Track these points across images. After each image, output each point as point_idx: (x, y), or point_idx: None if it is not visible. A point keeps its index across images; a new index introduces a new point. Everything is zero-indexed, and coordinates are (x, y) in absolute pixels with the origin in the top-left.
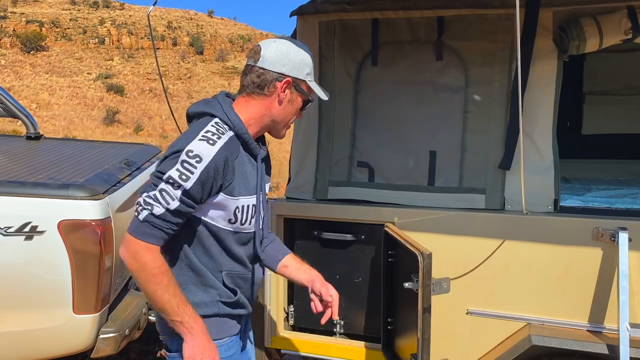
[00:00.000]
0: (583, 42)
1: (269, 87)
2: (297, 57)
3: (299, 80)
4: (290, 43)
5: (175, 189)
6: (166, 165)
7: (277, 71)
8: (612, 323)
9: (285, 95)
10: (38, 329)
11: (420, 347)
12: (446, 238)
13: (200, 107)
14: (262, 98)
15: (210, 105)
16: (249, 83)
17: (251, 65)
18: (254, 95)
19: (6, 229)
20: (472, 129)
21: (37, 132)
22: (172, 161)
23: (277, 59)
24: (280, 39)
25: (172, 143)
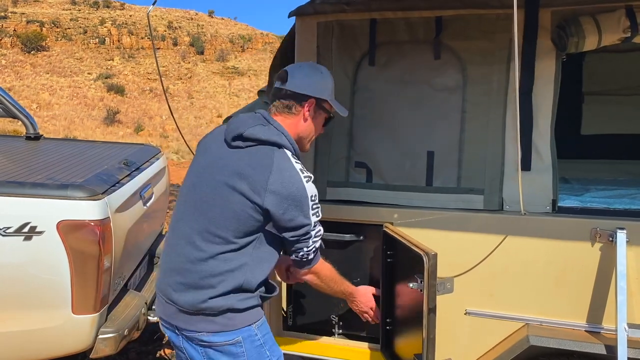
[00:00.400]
0: (582, 39)
1: (295, 107)
2: (320, 80)
3: (322, 100)
4: (314, 67)
5: (319, 224)
6: (304, 218)
7: (302, 93)
8: (610, 323)
9: (309, 114)
10: (37, 329)
11: (425, 347)
12: (444, 238)
13: (267, 135)
14: (291, 117)
15: (276, 135)
16: (278, 104)
17: (279, 87)
18: (284, 114)
19: (5, 229)
20: (470, 129)
21: (36, 133)
22: (305, 212)
23: (302, 82)
24: (305, 63)
25: (273, 185)
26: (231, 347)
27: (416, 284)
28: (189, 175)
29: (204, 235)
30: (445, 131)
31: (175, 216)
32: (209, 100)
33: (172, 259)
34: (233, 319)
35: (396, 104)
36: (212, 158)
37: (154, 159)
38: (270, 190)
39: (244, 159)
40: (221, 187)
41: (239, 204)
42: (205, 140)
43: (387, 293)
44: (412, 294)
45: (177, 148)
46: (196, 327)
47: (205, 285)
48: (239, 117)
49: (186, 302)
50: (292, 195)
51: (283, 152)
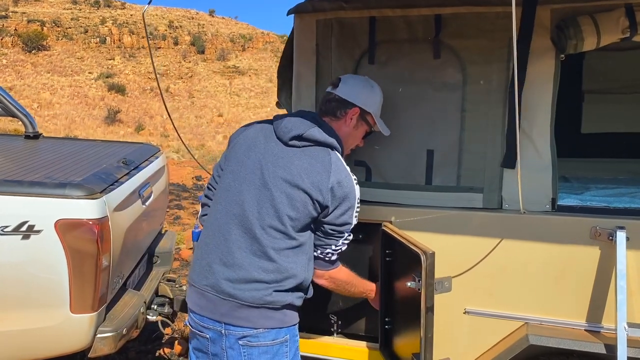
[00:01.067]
0: (580, 41)
1: (341, 111)
2: (368, 93)
3: (366, 112)
4: (365, 81)
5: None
6: (349, 218)
7: (349, 100)
8: (609, 322)
9: (352, 121)
10: (35, 328)
11: (423, 347)
12: (444, 237)
13: (324, 137)
14: (335, 121)
15: (331, 137)
16: (327, 107)
17: (330, 92)
18: (331, 117)
19: (3, 228)
20: (470, 127)
21: (35, 131)
22: (351, 212)
23: (351, 90)
24: (359, 76)
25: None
26: (279, 346)
27: (414, 283)
28: (237, 167)
29: (266, 229)
30: (444, 130)
31: (226, 207)
32: (209, 100)
33: (227, 254)
34: (287, 315)
35: (396, 103)
36: (267, 153)
37: (153, 157)
38: (330, 188)
39: (304, 158)
40: (282, 183)
41: (300, 201)
42: (248, 135)
43: (386, 292)
44: (411, 293)
45: (177, 147)
46: (254, 322)
47: (270, 280)
48: (292, 118)
49: (250, 296)
50: (347, 194)
51: (336, 154)
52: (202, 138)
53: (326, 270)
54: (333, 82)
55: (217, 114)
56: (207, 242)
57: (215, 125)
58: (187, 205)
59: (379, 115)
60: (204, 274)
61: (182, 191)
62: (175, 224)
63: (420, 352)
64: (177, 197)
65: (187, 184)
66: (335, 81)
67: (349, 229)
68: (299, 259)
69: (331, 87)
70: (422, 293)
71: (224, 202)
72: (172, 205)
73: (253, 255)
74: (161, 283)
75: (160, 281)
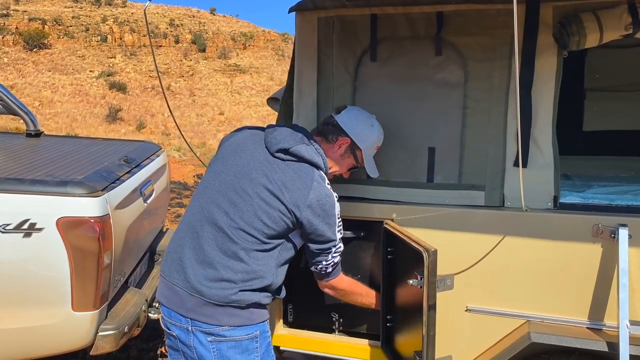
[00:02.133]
0: (583, 37)
1: (333, 136)
2: (365, 129)
3: (356, 146)
4: (368, 118)
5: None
6: (331, 234)
7: (344, 128)
8: (612, 320)
9: (339, 149)
10: (37, 326)
11: (425, 344)
12: (445, 235)
13: (310, 155)
14: (326, 143)
15: (317, 156)
16: (323, 129)
17: (331, 116)
18: (323, 138)
19: (4, 226)
20: (472, 125)
21: (37, 129)
22: (333, 229)
23: (349, 121)
24: (366, 112)
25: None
26: (249, 341)
27: (416, 281)
28: (220, 167)
29: (238, 231)
30: (446, 127)
31: (202, 204)
32: (210, 98)
33: (198, 250)
34: (254, 313)
35: (397, 100)
36: (252, 159)
37: (154, 156)
38: (308, 205)
39: (287, 173)
40: (262, 190)
41: (276, 211)
42: (237, 138)
43: (387, 290)
44: (413, 291)
45: (178, 146)
46: (219, 320)
47: (238, 280)
48: (282, 131)
49: (216, 295)
50: (326, 212)
51: (320, 173)
52: (204, 136)
53: (326, 282)
54: (338, 107)
55: (219, 112)
56: (181, 236)
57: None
58: (188, 204)
59: (371, 155)
60: (174, 267)
61: (183, 189)
62: (176, 222)
63: (423, 350)
64: (179, 196)
65: (188, 182)
66: (340, 108)
67: (335, 244)
68: (269, 262)
69: (335, 112)
70: (425, 291)
71: (202, 199)
72: (174, 204)
73: (223, 254)
74: None
75: None
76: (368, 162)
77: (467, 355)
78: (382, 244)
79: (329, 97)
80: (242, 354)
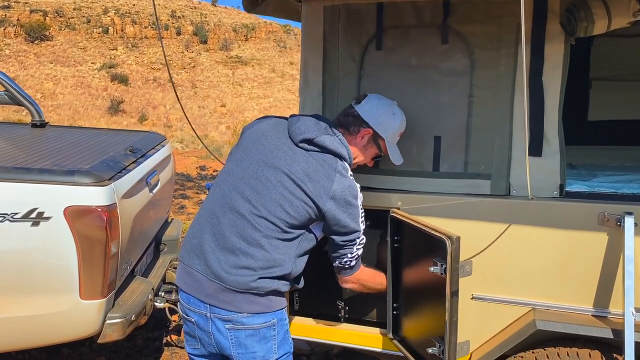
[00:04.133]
0: (591, 24)
1: (354, 128)
2: (387, 118)
3: (379, 136)
4: (389, 106)
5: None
6: (355, 225)
7: (365, 119)
8: (617, 308)
9: (362, 140)
10: (45, 314)
11: (448, 330)
12: (451, 223)
13: (334, 146)
14: (348, 135)
15: (341, 147)
16: (344, 120)
17: (351, 105)
18: (345, 130)
19: (13, 215)
20: (478, 113)
21: (42, 120)
22: (357, 219)
23: (370, 111)
24: (387, 99)
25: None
26: (266, 329)
27: (438, 268)
28: (243, 155)
29: (260, 219)
30: (452, 116)
31: (223, 190)
32: (212, 90)
33: (219, 236)
34: (273, 300)
35: (403, 89)
36: (275, 148)
37: (159, 146)
38: (331, 196)
39: (311, 163)
40: (286, 179)
41: (300, 201)
42: (260, 127)
43: (394, 278)
44: (428, 278)
45: (181, 137)
46: (238, 307)
47: (257, 267)
48: (306, 121)
49: (235, 281)
50: (349, 203)
51: (344, 164)
52: (205, 128)
53: (350, 275)
54: (358, 97)
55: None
56: (202, 222)
57: (218, 116)
58: (191, 195)
59: (394, 142)
60: (194, 252)
61: (187, 181)
62: (180, 213)
63: (445, 336)
64: (182, 187)
65: (191, 174)
66: (360, 97)
67: (359, 235)
68: (289, 252)
69: (355, 102)
70: (448, 277)
71: (224, 186)
72: (177, 195)
73: (244, 241)
74: (168, 270)
75: (167, 269)
76: (392, 150)
77: (472, 343)
78: (389, 233)
79: (335, 86)
80: (260, 342)
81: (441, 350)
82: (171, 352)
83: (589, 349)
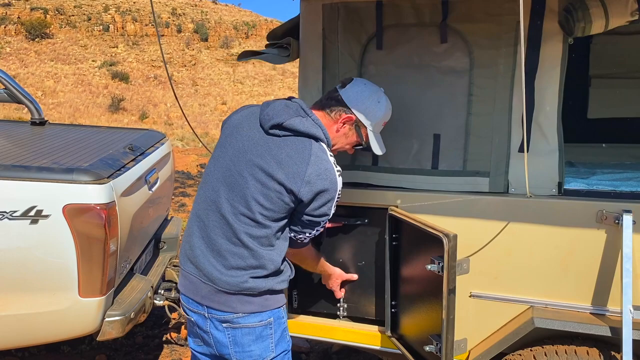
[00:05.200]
0: (589, 24)
1: (336, 112)
2: (372, 105)
3: (361, 123)
4: (374, 92)
5: None
6: (327, 210)
7: (348, 105)
8: (615, 305)
9: (343, 127)
10: (44, 312)
11: (444, 328)
12: (450, 221)
13: (305, 128)
14: (328, 118)
15: (314, 128)
16: (326, 103)
17: (336, 88)
18: (325, 112)
19: (11, 212)
20: (477, 112)
21: (41, 118)
22: (330, 204)
23: (355, 96)
24: (374, 86)
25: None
26: (262, 328)
27: (435, 266)
28: (219, 152)
29: (239, 216)
30: (451, 114)
31: (205, 192)
32: (213, 88)
33: (206, 239)
34: (269, 299)
35: (403, 87)
36: (247, 140)
37: (158, 144)
38: (307, 180)
39: (284, 148)
40: (258, 172)
41: (274, 192)
42: (234, 120)
43: (392, 276)
44: (425, 276)
45: (181, 135)
46: (233, 308)
47: (246, 267)
48: (275, 106)
49: (227, 283)
50: (326, 187)
51: (320, 145)
52: (206, 126)
53: (298, 249)
54: (344, 80)
55: (221, 102)
56: (190, 225)
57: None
58: (191, 193)
59: (377, 132)
60: (187, 256)
61: (187, 179)
62: (180, 211)
63: (442, 333)
64: (182, 185)
65: (191, 172)
66: (346, 80)
67: (326, 219)
68: (277, 245)
69: (340, 85)
70: (445, 275)
71: (205, 187)
72: (177, 193)
73: (228, 241)
74: (168, 268)
75: (167, 266)
76: (373, 140)
77: (470, 341)
78: (388, 231)
79: (334, 84)
80: (256, 340)
81: (438, 348)
82: (170, 350)
83: (587, 347)
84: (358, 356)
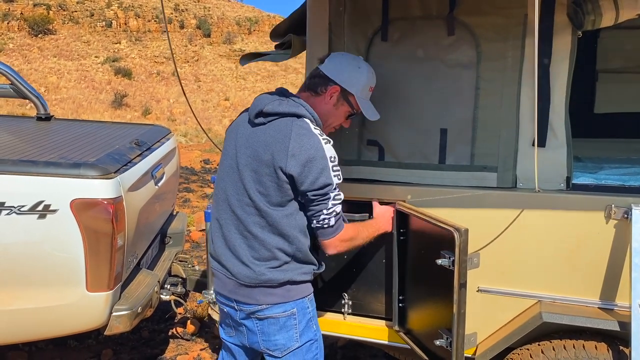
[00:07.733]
0: (599, 16)
1: (321, 88)
2: (353, 72)
3: (348, 92)
4: (352, 60)
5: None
6: (326, 178)
7: (330, 77)
8: (623, 300)
9: (331, 99)
10: (52, 306)
11: (456, 322)
12: (458, 216)
13: (285, 108)
14: (316, 96)
15: (295, 106)
16: (310, 83)
17: (317, 67)
18: (311, 93)
19: (19, 207)
20: (484, 105)
21: (47, 113)
22: (326, 172)
23: (334, 67)
24: (349, 55)
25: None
26: (286, 318)
27: (445, 260)
28: (223, 157)
29: (244, 209)
30: (458, 108)
31: (217, 195)
32: (216, 84)
33: (224, 237)
34: (291, 290)
35: (409, 81)
36: (241, 137)
37: (164, 139)
38: (291, 154)
39: (268, 132)
40: (251, 161)
41: (266, 176)
42: (233, 125)
43: (399, 271)
44: (435, 271)
45: (185, 131)
46: (257, 300)
47: (260, 258)
48: (259, 97)
49: (246, 277)
50: (312, 156)
51: (302, 121)
52: (209, 122)
53: (333, 238)
54: (321, 57)
55: (224, 98)
56: (212, 226)
57: (221, 109)
58: (195, 188)
59: (366, 98)
60: (212, 255)
61: (191, 174)
62: (184, 206)
63: (453, 328)
64: (186, 180)
65: (195, 167)
66: (323, 57)
67: (332, 189)
68: (288, 235)
69: (318, 62)
70: (456, 270)
71: (217, 191)
72: (181, 189)
73: (241, 235)
74: (174, 263)
75: (173, 261)
76: (364, 105)
77: (478, 335)
78: (395, 226)
79: None
80: (280, 330)
81: (449, 342)
82: (177, 344)
83: (595, 342)
84: (364, 351)
